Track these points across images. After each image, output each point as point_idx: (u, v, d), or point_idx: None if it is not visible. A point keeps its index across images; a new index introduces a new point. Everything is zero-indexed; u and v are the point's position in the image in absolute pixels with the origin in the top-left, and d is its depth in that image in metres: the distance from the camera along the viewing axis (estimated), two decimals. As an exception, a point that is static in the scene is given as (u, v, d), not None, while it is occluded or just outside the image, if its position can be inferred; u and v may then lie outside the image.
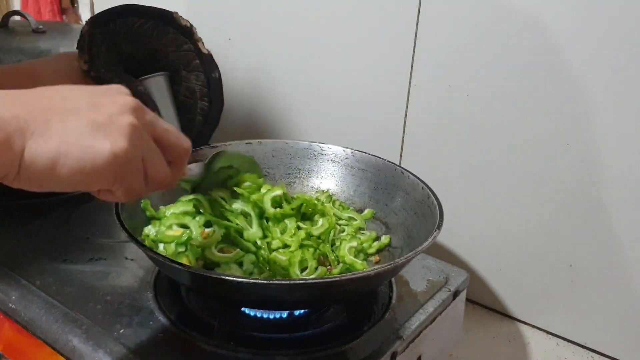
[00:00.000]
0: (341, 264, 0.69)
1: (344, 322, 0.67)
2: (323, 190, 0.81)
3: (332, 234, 0.73)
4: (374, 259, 0.72)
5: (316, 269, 0.67)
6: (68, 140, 0.40)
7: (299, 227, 0.71)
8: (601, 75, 0.72)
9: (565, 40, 0.73)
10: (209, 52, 0.71)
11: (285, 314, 0.67)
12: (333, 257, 0.69)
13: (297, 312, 0.67)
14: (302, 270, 0.66)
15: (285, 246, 0.68)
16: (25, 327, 0.66)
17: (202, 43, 0.71)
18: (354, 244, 0.71)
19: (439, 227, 0.62)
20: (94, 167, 0.41)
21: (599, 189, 0.76)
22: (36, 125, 0.39)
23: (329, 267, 0.68)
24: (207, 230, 0.66)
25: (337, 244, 0.72)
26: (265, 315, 0.66)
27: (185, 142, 0.50)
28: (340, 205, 0.79)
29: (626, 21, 0.68)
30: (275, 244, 0.68)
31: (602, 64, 0.71)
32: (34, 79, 0.67)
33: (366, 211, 0.79)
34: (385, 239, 0.74)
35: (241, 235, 0.67)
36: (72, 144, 0.40)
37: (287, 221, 0.70)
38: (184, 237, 0.64)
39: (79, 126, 0.41)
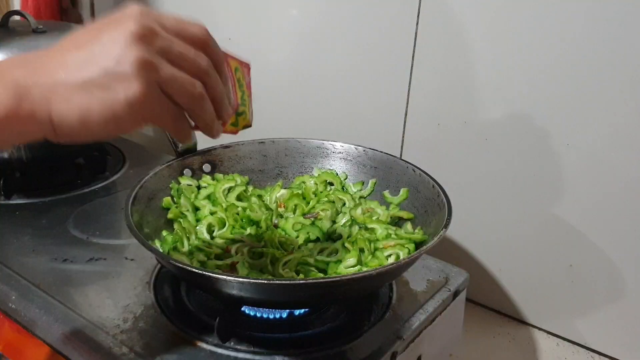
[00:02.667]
0: None
1: (344, 322, 0.67)
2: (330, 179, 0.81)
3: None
4: None
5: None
6: (87, 96, 0.42)
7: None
8: (603, 74, 0.72)
9: (568, 39, 0.73)
10: None
11: (285, 314, 0.67)
12: None
13: (297, 312, 0.67)
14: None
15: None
16: (25, 327, 0.66)
17: None
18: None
19: (447, 225, 0.62)
20: (116, 116, 0.42)
21: (599, 189, 0.76)
22: (56, 87, 0.42)
23: None
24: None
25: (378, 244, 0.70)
26: (265, 315, 0.66)
27: (200, 29, 0.47)
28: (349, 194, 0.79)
29: (630, 22, 0.68)
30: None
31: (605, 64, 0.71)
32: None
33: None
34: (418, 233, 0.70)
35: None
36: (92, 99, 0.42)
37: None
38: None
39: (93, 78, 0.42)
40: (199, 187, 0.79)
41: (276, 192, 0.79)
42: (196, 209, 0.75)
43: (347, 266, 0.66)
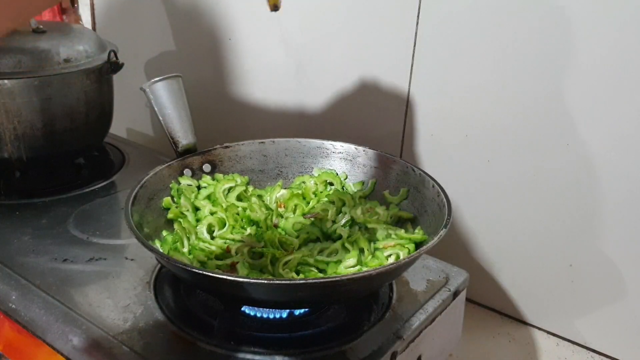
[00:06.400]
0: None
1: (344, 322, 0.67)
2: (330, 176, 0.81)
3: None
4: None
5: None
6: None
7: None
8: (603, 74, 0.72)
9: (569, 38, 0.73)
10: None
11: (285, 314, 0.67)
12: None
13: (297, 312, 0.67)
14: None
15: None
16: (25, 327, 0.66)
17: None
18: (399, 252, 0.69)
19: (447, 225, 0.62)
20: None
21: (599, 189, 0.76)
22: None
23: None
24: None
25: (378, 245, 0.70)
26: (265, 315, 0.66)
27: None
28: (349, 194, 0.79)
29: (627, 24, 0.68)
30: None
31: (604, 64, 0.71)
32: None
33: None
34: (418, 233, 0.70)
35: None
36: None
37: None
38: None
39: None
40: (199, 187, 0.79)
41: (276, 192, 0.79)
42: (196, 209, 0.75)
43: (347, 266, 0.66)
